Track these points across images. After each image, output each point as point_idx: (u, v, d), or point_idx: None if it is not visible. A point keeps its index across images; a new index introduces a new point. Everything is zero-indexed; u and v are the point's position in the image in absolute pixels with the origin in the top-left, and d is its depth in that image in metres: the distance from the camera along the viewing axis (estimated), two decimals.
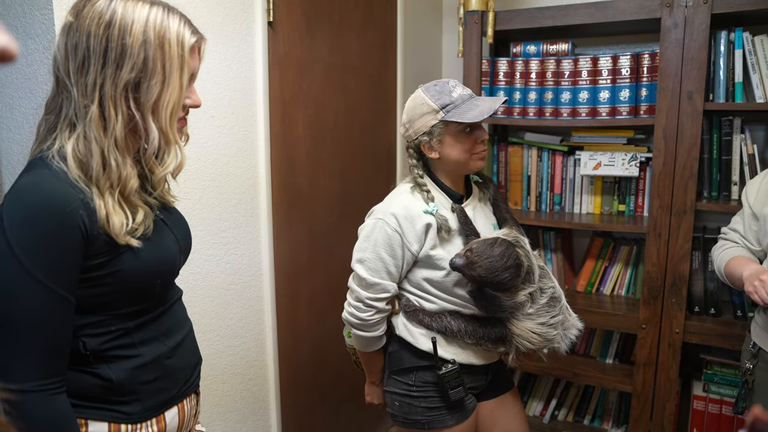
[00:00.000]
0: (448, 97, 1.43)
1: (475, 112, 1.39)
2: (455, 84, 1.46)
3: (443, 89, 1.44)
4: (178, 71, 0.91)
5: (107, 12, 0.87)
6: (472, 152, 1.46)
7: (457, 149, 1.45)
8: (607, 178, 2.27)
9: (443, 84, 1.46)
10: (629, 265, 2.28)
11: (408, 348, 1.50)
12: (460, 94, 1.44)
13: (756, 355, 1.49)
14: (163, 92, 0.90)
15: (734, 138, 1.99)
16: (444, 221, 1.45)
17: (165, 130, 0.92)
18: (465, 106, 1.42)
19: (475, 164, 1.49)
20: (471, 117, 1.38)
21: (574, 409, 2.38)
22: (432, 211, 1.45)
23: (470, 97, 1.45)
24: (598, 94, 2.13)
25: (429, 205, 1.47)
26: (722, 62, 1.93)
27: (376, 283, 1.45)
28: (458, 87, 1.45)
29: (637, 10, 1.93)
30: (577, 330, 1.49)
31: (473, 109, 1.40)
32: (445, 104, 1.42)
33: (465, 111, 1.40)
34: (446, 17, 2.59)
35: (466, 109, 1.41)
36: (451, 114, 1.41)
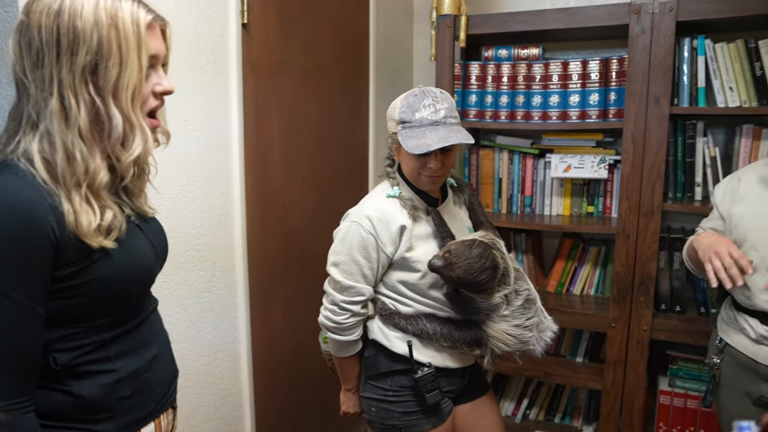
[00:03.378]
0: (411, 115, 1.39)
1: (416, 143, 1.35)
2: (430, 103, 1.39)
3: (413, 105, 1.40)
4: (136, 51, 0.88)
5: (56, 2, 0.84)
6: (419, 172, 1.44)
7: (407, 164, 1.46)
8: (577, 180, 2.31)
9: (419, 98, 1.40)
10: (598, 265, 2.33)
11: (384, 352, 1.50)
12: (423, 117, 1.38)
13: (722, 350, 1.54)
14: (122, 74, 0.87)
15: (697, 141, 2.05)
16: (409, 201, 1.46)
17: (127, 113, 0.89)
18: (418, 131, 1.37)
19: (425, 184, 1.47)
20: (410, 146, 1.35)
21: (545, 408, 2.42)
22: (395, 194, 1.46)
23: (431, 123, 1.38)
24: (569, 98, 2.17)
25: (393, 189, 1.47)
26: (686, 68, 1.99)
27: (351, 286, 1.45)
28: (429, 108, 1.39)
29: (606, 16, 1.98)
30: (552, 332, 1.52)
31: (419, 138, 1.36)
32: (404, 120, 1.40)
33: (412, 136, 1.37)
34: (418, 21, 2.60)
35: (415, 135, 1.37)
36: (402, 133, 1.39)
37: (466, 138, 1.38)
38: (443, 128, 1.38)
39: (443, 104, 1.40)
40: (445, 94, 1.43)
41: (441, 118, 1.39)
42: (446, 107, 1.40)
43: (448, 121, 1.39)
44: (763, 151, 1.97)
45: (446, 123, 1.39)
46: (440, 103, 1.40)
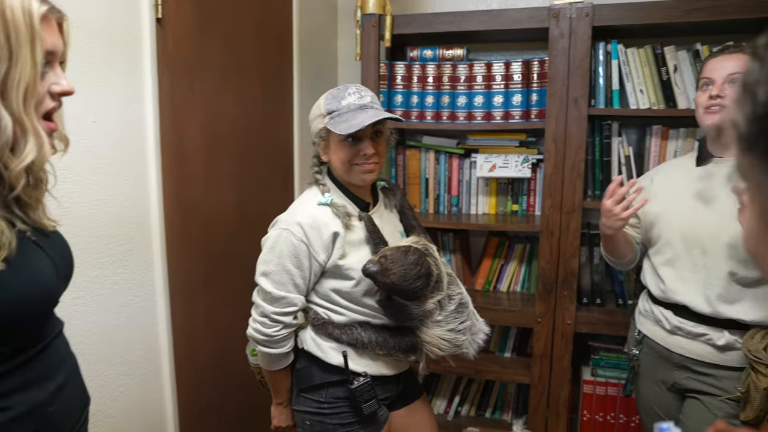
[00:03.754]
0: (337, 103, 1.39)
1: (348, 125, 1.34)
2: (354, 91, 1.41)
3: (338, 95, 1.41)
4: (28, 45, 0.79)
5: None
6: (352, 163, 1.41)
7: (338, 157, 1.42)
8: (502, 180, 2.36)
9: (342, 89, 1.42)
10: (523, 262, 2.39)
11: (317, 363, 1.45)
12: (350, 102, 1.38)
13: (641, 341, 1.62)
14: (11, 69, 0.78)
15: (613, 141, 2.14)
16: (342, 209, 1.42)
17: (18, 114, 0.79)
18: (347, 116, 1.37)
19: (358, 177, 1.44)
20: (342, 129, 1.34)
21: (476, 404, 2.46)
22: (327, 202, 1.42)
23: (359, 107, 1.38)
24: (493, 98, 2.20)
25: (324, 196, 1.43)
26: (602, 71, 2.07)
27: (282, 296, 1.39)
28: (354, 95, 1.40)
29: (527, 20, 2.02)
30: (484, 334, 1.53)
31: (351, 120, 1.35)
32: (332, 110, 1.39)
33: (343, 121, 1.36)
34: (342, 20, 2.55)
35: (345, 119, 1.36)
36: (332, 122, 1.38)
37: (396, 115, 1.41)
38: (372, 110, 1.39)
39: (367, 92, 1.43)
40: (365, 87, 1.45)
41: (368, 102, 1.40)
42: (371, 95, 1.43)
43: (375, 105, 1.41)
44: (670, 149, 2.09)
45: (373, 107, 1.40)
46: (364, 91, 1.42)
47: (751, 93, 0.42)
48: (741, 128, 0.44)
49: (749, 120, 0.42)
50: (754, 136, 0.42)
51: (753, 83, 0.42)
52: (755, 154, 0.42)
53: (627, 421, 2.19)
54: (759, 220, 0.44)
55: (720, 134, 1.45)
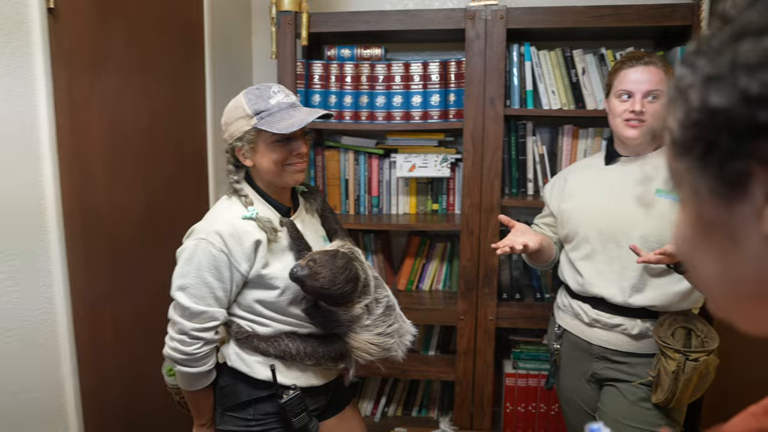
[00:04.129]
0: (265, 103, 1.33)
1: (288, 123, 1.31)
2: (278, 90, 1.37)
3: (262, 94, 1.35)
4: None
5: None
6: (285, 164, 1.37)
7: (269, 159, 1.36)
8: (421, 179, 2.37)
9: (264, 88, 1.36)
10: (445, 261, 2.42)
11: (243, 380, 1.38)
12: (280, 101, 1.34)
13: (561, 335, 1.68)
14: None
15: (528, 140, 2.21)
16: (267, 223, 1.36)
17: None
18: (280, 114, 1.33)
19: (291, 177, 1.40)
20: (281, 128, 1.30)
21: (402, 403, 2.46)
22: (252, 216, 1.35)
23: (289, 106, 1.36)
24: (411, 98, 2.20)
25: (248, 209, 1.36)
26: (516, 72, 2.13)
27: (202, 311, 1.31)
28: (280, 94, 1.36)
29: (444, 21, 2.03)
30: (412, 336, 1.52)
31: (287, 119, 1.32)
32: (260, 110, 1.33)
33: (278, 120, 1.32)
34: (256, 17, 2.45)
35: (280, 118, 1.32)
36: (264, 122, 1.32)
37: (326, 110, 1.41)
38: (304, 108, 1.37)
39: (289, 91, 1.40)
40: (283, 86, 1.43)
41: (294, 101, 1.38)
42: (293, 95, 1.40)
43: (300, 104, 1.39)
44: (581, 148, 2.19)
45: (300, 105, 1.39)
46: (287, 90, 1.39)
47: (684, 98, 0.42)
48: (674, 133, 0.44)
49: (683, 125, 0.42)
50: (689, 141, 0.42)
51: (685, 88, 0.42)
52: (690, 159, 0.42)
53: (547, 410, 2.27)
54: (693, 226, 0.45)
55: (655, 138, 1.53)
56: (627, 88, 1.51)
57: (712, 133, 0.40)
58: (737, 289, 0.43)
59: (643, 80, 1.49)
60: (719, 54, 0.40)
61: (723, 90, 0.39)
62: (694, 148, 0.42)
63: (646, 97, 1.49)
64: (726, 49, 0.39)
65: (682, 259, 0.48)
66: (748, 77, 0.37)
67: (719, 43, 0.41)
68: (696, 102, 0.41)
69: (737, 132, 0.38)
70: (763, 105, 0.36)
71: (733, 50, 0.39)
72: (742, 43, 0.38)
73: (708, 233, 0.43)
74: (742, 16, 0.40)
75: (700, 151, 0.41)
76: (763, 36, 0.37)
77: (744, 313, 0.44)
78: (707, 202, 0.42)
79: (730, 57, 0.39)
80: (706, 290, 0.47)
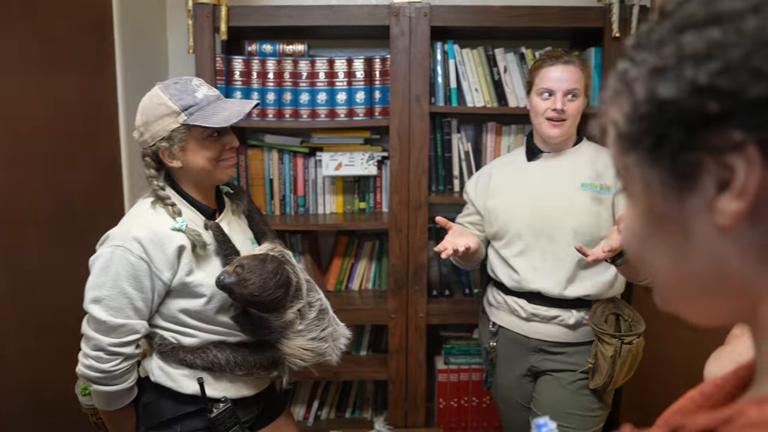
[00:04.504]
0: (192, 97, 1.25)
1: (223, 116, 1.25)
2: (200, 83, 1.29)
3: (185, 88, 1.26)
4: None
5: None
6: (219, 160, 1.31)
7: (203, 157, 1.29)
8: (348, 178, 2.34)
9: (185, 82, 1.28)
10: (373, 259, 2.40)
11: (168, 395, 1.29)
12: (206, 94, 1.28)
13: (497, 333, 1.70)
14: None
15: (453, 137, 2.24)
16: (197, 236, 1.28)
17: None
18: (211, 108, 1.26)
19: (225, 173, 1.35)
20: (218, 120, 1.24)
21: (335, 406, 2.42)
22: (181, 228, 1.27)
23: (217, 98, 1.30)
24: (336, 95, 2.16)
25: (177, 220, 1.28)
26: (440, 69, 2.14)
27: (120, 324, 1.21)
28: (203, 87, 1.29)
29: (368, 17, 2.01)
30: (346, 339, 1.49)
31: (221, 111, 1.26)
32: (188, 105, 1.25)
33: (211, 114, 1.25)
34: (171, 8, 2.31)
35: (212, 111, 1.26)
36: (195, 117, 1.24)
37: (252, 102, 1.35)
38: (233, 100, 1.33)
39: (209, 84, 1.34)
40: None
41: (219, 93, 1.32)
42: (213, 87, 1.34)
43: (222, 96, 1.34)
44: (504, 145, 2.24)
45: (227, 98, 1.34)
46: (206, 83, 1.33)
47: (629, 91, 0.42)
48: (621, 127, 0.43)
49: (630, 118, 0.42)
50: (638, 134, 0.42)
51: (630, 81, 0.42)
52: (639, 153, 0.42)
53: (479, 403, 2.31)
54: (642, 220, 0.45)
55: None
56: (548, 86, 1.55)
57: (661, 125, 0.39)
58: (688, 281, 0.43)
59: (564, 79, 1.53)
60: (663, 46, 0.40)
61: (671, 81, 0.38)
62: (643, 141, 0.41)
63: (566, 95, 1.53)
64: (669, 42, 0.40)
65: (631, 253, 0.48)
66: (696, 68, 0.37)
67: (661, 36, 0.41)
68: (642, 94, 0.41)
69: (687, 123, 0.38)
70: (712, 95, 0.36)
71: (676, 42, 0.39)
72: (685, 34, 0.38)
73: (659, 226, 0.43)
74: (683, 9, 0.40)
75: (649, 143, 0.41)
76: (708, 27, 0.37)
77: (694, 305, 0.44)
78: (658, 195, 0.41)
79: (675, 48, 0.39)
80: (655, 284, 0.47)
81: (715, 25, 0.37)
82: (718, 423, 0.35)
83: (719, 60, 0.36)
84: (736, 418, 0.34)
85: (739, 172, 0.36)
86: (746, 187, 0.36)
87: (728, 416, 0.35)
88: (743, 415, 0.34)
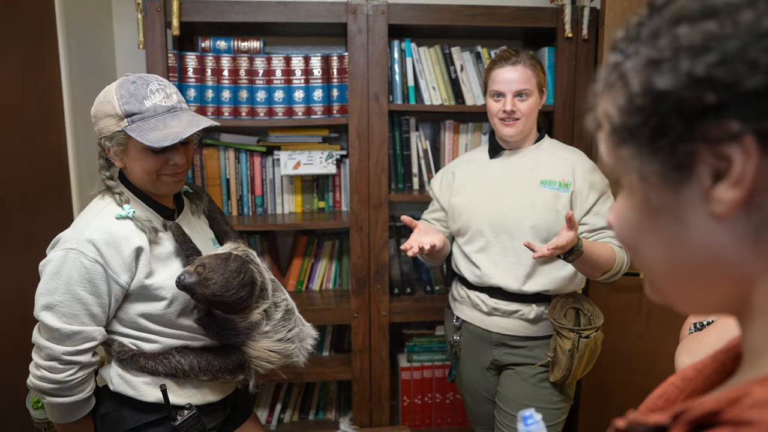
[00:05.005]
0: (139, 104, 1.17)
1: (159, 135, 1.16)
2: (158, 88, 1.20)
3: (137, 92, 1.18)
4: None
5: None
6: (160, 173, 1.24)
7: (141, 167, 1.22)
8: (306, 177, 2.31)
9: (142, 84, 1.19)
10: (334, 259, 2.38)
11: (129, 404, 1.24)
12: (156, 104, 1.18)
13: (460, 327, 1.71)
14: None
15: (412, 135, 2.24)
16: (146, 222, 1.23)
17: None
18: (154, 121, 1.18)
19: (166, 188, 1.28)
20: (152, 139, 1.15)
21: (298, 408, 2.38)
22: (128, 215, 1.22)
23: (167, 110, 1.20)
24: (293, 93, 2.13)
25: (124, 208, 1.23)
26: (397, 68, 2.14)
27: (75, 332, 1.15)
28: (158, 94, 1.20)
29: (325, 14, 1.99)
30: (313, 339, 1.46)
31: (162, 128, 1.17)
32: (132, 113, 1.17)
33: (150, 128, 1.17)
34: (117, 1, 2.22)
35: (153, 126, 1.17)
36: (134, 128, 1.17)
37: (214, 121, 1.25)
38: (183, 113, 1.21)
39: (171, 89, 1.23)
40: (165, 80, 1.25)
41: (176, 103, 1.22)
42: (176, 92, 1.24)
43: (184, 106, 1.24)
44: (462, 143, 2.26)
45: (183, 108, 1.23)
46: (169, 88, 1.23)
47: (623, 84, 0.42)
48: (615, 120, 0.44)
49: (626, 110, 0.43)
50: (634, 126, 0.42)
51: (624, 74, 0.43)
52: (635, 145, 0.43)
53: (443, 400, 2.33)
54: (637, 210, 0.45)
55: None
56: (498, 88, 1.58)
57: (659, 117, 0.40)
58: (683, 270, 0.43)
59: (512, 80, 1.56)
60: (657, 38, 0.40)
61: (667, 73, 0.39)
62: (639, 132, 0.42)
63: (516, 96, 1.57)
64: (664, 34, 0.40)
65: (626, 244, 0.48)
66: (692, 59, 0.38)
67: (655, 28, 0.41)
68: (638, 86, 0.41)
69: (684, 114, 0.38)
70: (709, 86, 0.37)
71: (672, 34, 0.39)
72: (680, 27, 0.39)
73: (654, 217, 0.44)
74: (675, 2, 0.40)
75: (646, 135, 0.41)
76: (704, 20, 0.38)
77: (688, 293, 0.45)
78: (653, 185, 0.42)
79: (671, 40, 0.39)
80: (648, 274, 0.47)
81: (711, 17, 0.37)
82: (725, 404, 0.36)
83: (716, 52, 0.37)
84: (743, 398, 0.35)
85: (736, 162, 0.37)
86: (743, 177, 0.37)
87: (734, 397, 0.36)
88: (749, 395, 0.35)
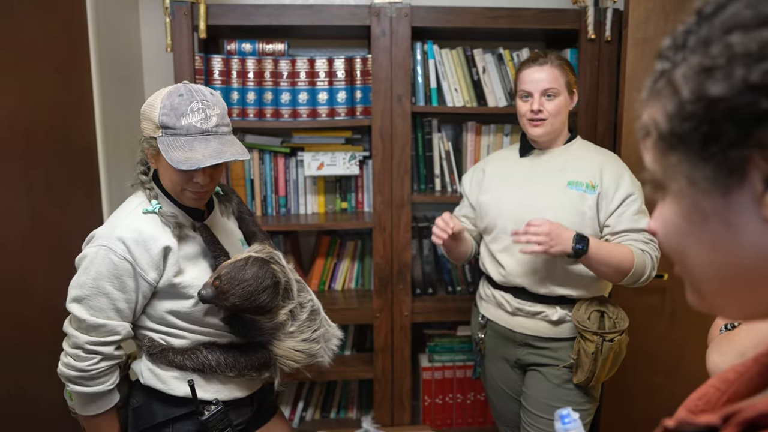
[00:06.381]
0: (175, 119, 1.18)
1: (182, 156, 1.16)
2: (200, 108, 1.19)
3: (179, 107, 1.19)
4: None
5: None
6: (184, 188, 1.26)
7: (169, 177, 1.25)
8: (329, 178, 2.33)
9: (186, 100, 1.19)
10: (356, 259, 2.40)
11: (158, 398, 1.27)
12: (191, 123, 1.18)
13: (485, 325, 1.72)
14: None
15: (434, 137, 2.25)
16: (171, 219, 1.26)
17: None
18: (184, 140, 1.18)
19: (190, 200, 1.29)
20: (173, 158, 1.16)
21: (320, 407, 2.41)
22: (154, 209, 1.25)
23: (200, 133, 1.19)
24: (317, 95, 2.15)
25: (151, 203, 1.26)
26: (420, 70, 2.16)
27: (100, 324, 1.19)
28: (197, 114, 1.19)
29: (349, 17, 2.01)
30: (338, 339, 1.48)
31: (187, 150, 1.17)
32: (167, 126, 1.18)
33: (177, 147, 1.18)
34: (144, 5, 2.27)
35: (181, 144, 1.18)
36: (165, 140, 1.18)
37: (242, 153, 1.23)
38: (215, 139, 1.21)
39: (215, 110, 1.22)
40: (216, 97, 1.25)
41: (212, 126, 1.21)
42: (218, 113, 1.23)
43: (220, 130, 1.22)
44: (483, 144, 2.27)
45: (218, 132, 1.22)
46: (211, 109, 1.21)
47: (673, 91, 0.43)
48: (662, 127, 0.44)
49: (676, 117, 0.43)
50: (685, 132, 0.42)
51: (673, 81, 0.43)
52: (686, 150, 0.43)
53: (463, 400, 2.33)
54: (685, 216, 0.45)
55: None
56: (526, 88, 1.59)
57: (711, 123, 0.40)
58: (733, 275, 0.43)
59: (539, 79, 1.57)
60: (709, 46, 0.41)
61: (721, 80, 0.39)
62: (690, 139, 0.42)
63: (543, 95, 1.57)
64: (716, 42, 0.41)
65: (671, 250, 0.48)
66: (747, 67, 0.38)
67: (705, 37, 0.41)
68: (689, 94, 0.41)
69: (739, 120, 0.39)
70: (765, 93, 0.38)
71: (724, 42, 0.40)
72: (733, 35, 0.40)
73: (703, 222, 0.44)
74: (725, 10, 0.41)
75: (697, 141, 0.42)
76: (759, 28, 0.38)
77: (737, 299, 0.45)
78: (703, 191, 0.42)
79: (723, 48, 0.40)
80: (692, 280, 0.47)
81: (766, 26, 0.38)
82: None
83: None
84: None
85: None
86: None
87: None
88: None
